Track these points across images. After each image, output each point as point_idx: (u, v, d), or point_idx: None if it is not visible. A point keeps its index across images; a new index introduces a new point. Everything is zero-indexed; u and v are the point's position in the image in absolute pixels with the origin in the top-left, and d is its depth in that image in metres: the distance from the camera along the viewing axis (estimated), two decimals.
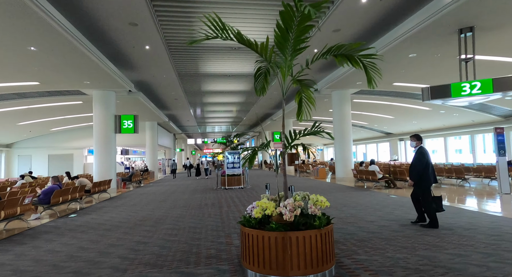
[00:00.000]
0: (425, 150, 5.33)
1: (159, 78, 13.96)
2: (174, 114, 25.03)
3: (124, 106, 16.01)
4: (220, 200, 9.71)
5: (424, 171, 5.17)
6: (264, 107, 23.65)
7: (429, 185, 5.21)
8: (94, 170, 12.69)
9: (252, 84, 17.70)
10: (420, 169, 5.18)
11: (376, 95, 15.77)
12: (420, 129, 22.17)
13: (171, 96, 18.22)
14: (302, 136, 4.05)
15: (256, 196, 10.37)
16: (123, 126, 13.19)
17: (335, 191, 10.96)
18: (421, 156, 5.22)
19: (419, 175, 5.21)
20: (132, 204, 9.58)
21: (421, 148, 5.34)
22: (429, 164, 5.19)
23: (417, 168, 5.22)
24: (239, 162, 13.61)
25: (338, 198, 9.17)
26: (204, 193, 12.01)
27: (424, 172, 5.17)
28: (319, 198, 3.60)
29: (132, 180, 15.70)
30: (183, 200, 10.08)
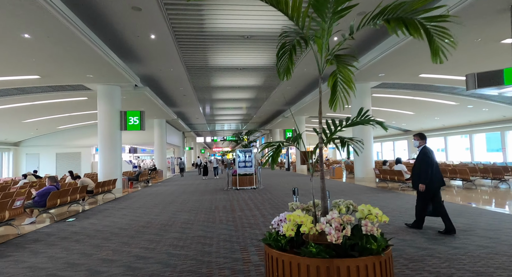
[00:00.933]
0: (429, 149, 5.00)
1: (166, 72, 13.20)
2: (182, 111, 24.36)
3: (131, 103, 15.33)
4: (232, 203, 8.86)
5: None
6: (275, 104, 22.73)
7: (431, 186, 4.87)
8: (99, 169, 12.03)
9: (264, 78, 16.95)
10: (428, 169, 4.83)
11: (397, 88, 14.64)
12: (442, 126, 20.86)
13: (179, 92, 17.48)
14: (345, 127, 3.12)
15: (271, 198, 9.49)
16: (128, 122, 12.48)
17: (357, 193, 9.97)
18: (425, 156, 4.92)
19: (428, 176, 4.83)
20: (137, 206, 8.82)
21: (425, 148, 5.01)
22: (433, 164, 4.86)
23: (423, 169, 4.87)
24: (251, 160, 12.75)
25: (363, 201, 8.19)
26: (214, 194, 11.19)
27: None
28: (371, 209, 2.67)
29: (139, 179, 15.03)
30: (192, 202, 9.27)
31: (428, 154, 4.88)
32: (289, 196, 9.84)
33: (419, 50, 9.24)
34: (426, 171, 4.81)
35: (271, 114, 27.83)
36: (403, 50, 9.39)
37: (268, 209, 7.63)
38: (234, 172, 12.84)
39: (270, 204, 8.33)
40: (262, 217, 6.67)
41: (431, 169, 4.80)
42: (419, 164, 4.95)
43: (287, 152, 27.52)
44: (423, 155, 4.92)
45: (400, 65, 10.80)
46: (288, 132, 25.26)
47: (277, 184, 14.11)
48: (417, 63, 10.54)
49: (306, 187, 12.38)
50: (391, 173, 10.63)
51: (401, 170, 10.06)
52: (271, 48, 11.36)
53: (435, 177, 4.81)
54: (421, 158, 4.95)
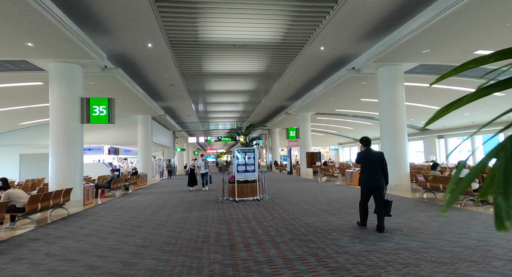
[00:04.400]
0: (363, 154, 5.40)
1: (144, 49, 10.22)
2: (171, 107, 21.34)
3: (101, 91, 12.28)
4: (230, 226, 5.91)
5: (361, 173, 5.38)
6: (278, 99, 19.85)
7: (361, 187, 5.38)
8: (50, 176, 8.98)
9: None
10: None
11: (433, 74, 11.87)
12: (470, 124, 18.16)
13: (164, 81, 14.50)
14: None
15: (286, 218, 6.55)
16: (93, 113, 9.46)
17: (405, 210, 7.10)
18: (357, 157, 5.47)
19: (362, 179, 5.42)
20: (85, 233, 5.81)
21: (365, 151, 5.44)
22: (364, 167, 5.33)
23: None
24: (253, 163, 9.82)
25: (425, 224, 5.29)
26: (204, 209, 8.22)
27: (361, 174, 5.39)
28: None
29: (112, 187, 11.98)
30: (171, 224, 6.30)
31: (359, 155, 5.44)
32: (311, 214, 6.93)
33: (484, 15, 6.47)
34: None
35: (271, 111, 24.95)
36: (463, 13, 6.61)
37: (289, 241, 4.71)
38: (232, 178, 9.90)
39: (288, 230, 5.41)
40: (284, 262, 3.74)
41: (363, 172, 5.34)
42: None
43: (289, 153, 24.62)
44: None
45: (455, 37, 8.00)
46: (292, 131, 22.39)
47: (284, 193, 11.19)
48: (475, 35, 7.76)
49: (320, 195, 9.52)
50: (447, 181, 7.78)
51: None
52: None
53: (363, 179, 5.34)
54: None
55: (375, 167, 5.20)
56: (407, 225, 5.57)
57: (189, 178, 13.57)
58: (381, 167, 5.23)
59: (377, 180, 5.19)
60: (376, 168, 5.20)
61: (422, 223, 5.70)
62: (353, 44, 10.43)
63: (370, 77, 12.14)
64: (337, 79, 12.73)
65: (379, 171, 5.20)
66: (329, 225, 5.76)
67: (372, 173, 5.20)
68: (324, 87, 14.34)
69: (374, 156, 5.31)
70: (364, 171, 5.30)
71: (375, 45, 10.33)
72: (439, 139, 22.12)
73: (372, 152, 5.38)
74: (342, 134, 34.09)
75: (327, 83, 13.94)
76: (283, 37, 9.98)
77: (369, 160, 5.26)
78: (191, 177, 13.51)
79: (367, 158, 5.29)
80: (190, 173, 13.64)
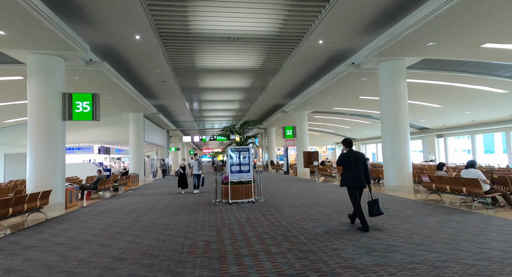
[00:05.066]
0: (345, 154, 5.58)
1: (131, 41, 9.58)
2: (164, 104, 20.66)
3: (88, 87, 11.59)
4: (221, 233, 5.32)
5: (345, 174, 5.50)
6: (274, 97, 19.28)
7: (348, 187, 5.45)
8: (28, 177, 8.32)
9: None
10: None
11: (437, 70, 11.36)
12: (471, 123, 17.73)
13: (156, 77, 13.85)
14: None
15: (283, 223, 5.98)
16: (75, 109, 8.80)
17: (410, 213, 6.56)
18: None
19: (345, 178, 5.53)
20: (58, 242, 5.19)
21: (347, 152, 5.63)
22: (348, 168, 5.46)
23: None
24: (248, 163, 9.24)
25: (435, 230, 4.75)
26: (194, 212, 7.62)
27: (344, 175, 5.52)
28: None
29: (99, 188, 11.32)
30: (156, 230, 5.69)
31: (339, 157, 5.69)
32: (309, 218, 6.37)
33: (497, 2, 5.97)
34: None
35: (268, 109, 24.37)
36: (474, 1, 6.08)
37: (286, 252, 4.14)
38: (225, 178, 9.31)
39: (285, 237, 4.83)
40: None
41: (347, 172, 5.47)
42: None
43: (286, 152, 24.08)
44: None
45: (463, 28, 7.48)
46: (288, 130, 21.84)
47: (281, 194, 10.63)
48: (486, 26, 7.25)
49: (319, 197, 8.97)
50: (455, 182, 7.26)
51: (478, 177, 6.69)
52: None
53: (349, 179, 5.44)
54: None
55: (357, 167, 5.38)
56: (416, 231, 5.03)
57: (179, 179, 12.37)
58: (362, 167, 5.40)
59: (361, 179, 5.36)
60: (358, 168, 5.39)
61: (433, 229, 5.16)
62: (353, 38, 9.88)
63: (370, 73, 11.62)
64: (336, 75, 12.19)
65: (361, 171, 5.38)
66: (330, 232, 5.20)
67: (355, 173, 5.38)
68: (322, 84, 13.80)
69: (356, 156, 5.51)
70: (347, 171, 5.47)
71: (377, 38, 9.79)
72: (438, 138, 21.71)
73: (354, 153, 5.59)
74: (339, 134, 33.66)
75: (326, 79, 13.40)
76: (280, 30, 9.40)
77: (352, 160, 5.46)
78: (181, 178, 12.33)
79: (350, 159, 5.49)
80: (180, 174, 12.44)
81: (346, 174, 5.47)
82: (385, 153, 10.55)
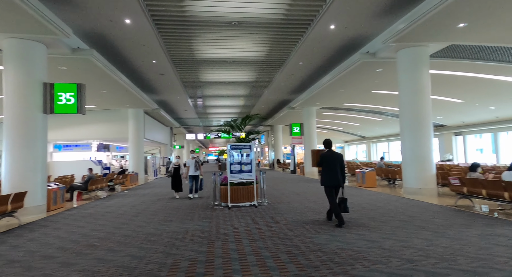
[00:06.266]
0: (324, 154, 5.80)
1: (121, 27, 8.64)
2: (166, 100, 19.80)
3: (77, 78, 10.66)
4: (213, 248, 4.31)
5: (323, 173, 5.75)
6: (281, 92, 18.21)
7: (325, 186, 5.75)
8: (3, 176, 7.45)
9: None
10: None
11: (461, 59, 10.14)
12: (494, 119, 16.35)
13: (153, 69, 12.93)
14: None
15: (289, 234, 4.95)
16: (57, 101, 7.91)
17: (444, 224, 5.46)
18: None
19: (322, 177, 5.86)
20: (10, 259, 4.25)
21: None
22: (326, 167, 5.71)
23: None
24: (250, 161, 8.23)
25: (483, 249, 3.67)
26: (187, 218, 6.65)
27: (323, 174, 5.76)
28: None
29: (90, 188, 10.46)
30: (137, 242, 4.72)
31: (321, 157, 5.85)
32: (320, 229, 5.33)
33: None
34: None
35: (274, 106, 23.32)
36: None
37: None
38: (224, 179, 8.33)
39: (291, 257, 3.81)
40: None
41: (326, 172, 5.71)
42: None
43: (293, 151, 22.99)
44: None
45: (506, 3, 6.31)
46: (295, 127, 20.74)
47: (287, 196, 9.61)
48: None
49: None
50: (493, 186, 6.12)
51: None
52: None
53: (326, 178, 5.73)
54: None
55: (335, 167, 5.65)
56: (459, 250, 3.95)
57: (172, 181, 10.30)
58: (339, 167, 5.67)
59: (338, 178, 5.64)
60: (336, 168, 5.66)
61: (479, 247, 4.07)
62: (369, 21, 8.76)
63: (387, 63, 10.47)
64: (348, 65, 11.07)
65: (338, 170, 5.66)
66: (348, 250, 4.15)
67: (334, 172, 5.65)
68: (333, 76, 12.68)
69: (334, 156, 5.75)
70: (326, 170, 5.71)
71: (397, 22, 8.65)
72: (456, 136, 20.34)
73: (333, 153, 5.81)
74: (348, 132, 32.39)
75: (337, 71, 12.28)
76: (286, 12, 8.35)
77: (331, 160, 5.70)
78: (175, 179, 10.25)
79: (329, 159, 5.73)
80: (173, 174, 10.30)
81: (325, 173, 5.72)
82: (405, 152, 9.41)
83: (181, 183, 10.29)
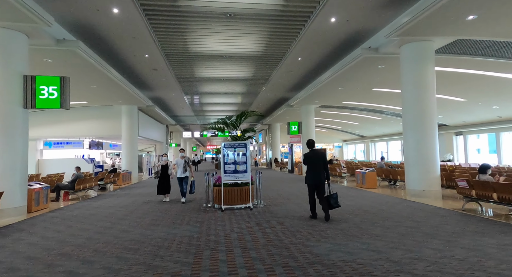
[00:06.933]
0: (307, 154, 6.17)
1: (109, 17, 8.12)
2: (160, 97, 19.25)
3: (64, 72, 10.01)
4: (199, 259, 3.83)
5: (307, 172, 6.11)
6: (279, 89, 17.73)
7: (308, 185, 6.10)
8: None
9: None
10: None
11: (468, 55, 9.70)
12: (496, 119, 15.98)
13: (146, 63, 12.40)
14: None
15: (286, 242, 4.48)
16: (39, 95, 7.39)
17: (455, 232, 5.02)
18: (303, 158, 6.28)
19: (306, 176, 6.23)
20: None
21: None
22: (308, 166, 6.06)
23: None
24: (245, 161, 7.75)
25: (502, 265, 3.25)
26: (176, 222, 6.16)
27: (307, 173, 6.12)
28: None
29: (77, 187, 9.94)
30: (116, 251, 4.23)
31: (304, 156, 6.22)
32: (321, 235, 4.87)
33: None
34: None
35: (272, 104, 22.84)
36: None
37: None
38: (218, 179, 7.85)
39: (288, 271, 3.34)
40: None
41: (308, 169, 6.09)
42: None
43: (291, 150, 22.54)
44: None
45: None
46: (293, 125, 20.29)
47: (284, 198, 9.15)
48: None
49: None
50: (505, 189, 5.68)
51: None
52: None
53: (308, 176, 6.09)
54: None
55: (318, 166, 5.94)
56: (476, 264, 3.50)
57: (159, 183, 9.04)
58: (323, 165, 5.96)
59: (320, 177, 5.95)
60: (319, 166, 5.95)
61: (501, 260, 3.62)
62: (372, 14, 8.29)
63: (389, 59, 10.02)
64: (349, 61, 10.60)
65: (321, 169, 5.95)
66: (352, 262, 3.69)
67: (316, 171, 5.94)
68: (333, 72, 12.21)
69: (317, 155, 6.05)
70: (309, 169, 6.01)
71: (401, 15, 8.19)
72: (457, 135, 19.97)
73: (316, 152, 6.12)
74: (347, 131, 31.97)
75: (337, 67, 11.80)
76: (285, 3, 7.85)
77: (313, 159, 6.02)
78: (162, 180, 9.01)
79: (312, 158, 6.04)
80: (160, 174, 9.08)
81: (308, 172, 6.04)
82: (408, 152, 8.97)
83: (169, 184, 9.13)
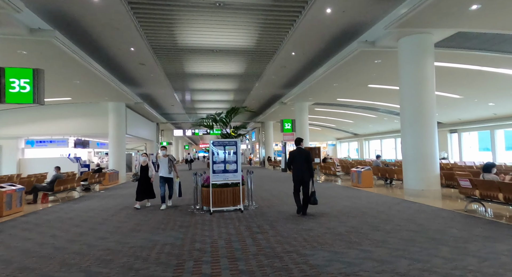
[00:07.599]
0: (292, 151, 6.45)
1: (88, 4, 7.50)
2: (149, 93, 18.60)
3: (41, 64, 9.31)
4: (182, 272, 3.35)
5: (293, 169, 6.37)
6: (272, 86, 17.26)
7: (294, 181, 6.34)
8: None
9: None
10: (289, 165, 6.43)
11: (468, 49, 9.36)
12: (492, 117, 15.80)
13: (132, 57, 11.79)
14: None
15: (279, 248, 4.01)
16: (9, 89, 6.77)
17: (462, 236, 4.62)
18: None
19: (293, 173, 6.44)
20: None
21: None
22: (293, 163, 6.31)
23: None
24: (236, 160, 7.25)
25: None
26: (159, 227, 5.64)
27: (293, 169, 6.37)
28: None
29: (57, 189, 9.31)
30: (87, 262, 3.71)
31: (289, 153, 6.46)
32: (317, 242, 4.41)
33: None
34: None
35: (265, 101, 22.36)
36: None
37: None
38: (206, 180, 7.34)
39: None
40: None
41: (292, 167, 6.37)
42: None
43: (284, 148, 22.12)
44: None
45: None
46: (287, 123, 19.88)
47: (277, 198, 8.69)
48: None
49: (324, 203, 6.99)
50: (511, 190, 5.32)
51: None
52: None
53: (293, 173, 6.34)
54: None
55: (301, 163, 6.19)
56: (493, 276, 3.08)
57: (139, 186, 7.71)
58: (306, 163, 6.18)
59: (303, 174, 6.18)
60: (303, 164, 6.19)
61: None
62: (370, 4, 7.86)
63: (386, 53, 9.63)
64: (345, 55, 10.18)
65: (305, 166, 6.18)
66: (354, 275, 3.24)
67: (301, 168, 6.18)
68: (328, 67, 11.79)
69: (302, 154, 6.29)
70: (295, 167, 6.26)
71: (400, 5, 7.78)
72: (451, 133, 19.80)
73: (301, 150, 6.33)
74: (341, 129, 31.73)
75: (333, 62, 11.39)
76: None
77: (298, 157, 6.25)
78: (142, 183, 7.72)
79: (296, 156, 6.29)
80: (140, 177, 7.75)
81: (293, 169, 6.28)
82: (406, 150, 8.61)
83: (152, 188, 7.96)
